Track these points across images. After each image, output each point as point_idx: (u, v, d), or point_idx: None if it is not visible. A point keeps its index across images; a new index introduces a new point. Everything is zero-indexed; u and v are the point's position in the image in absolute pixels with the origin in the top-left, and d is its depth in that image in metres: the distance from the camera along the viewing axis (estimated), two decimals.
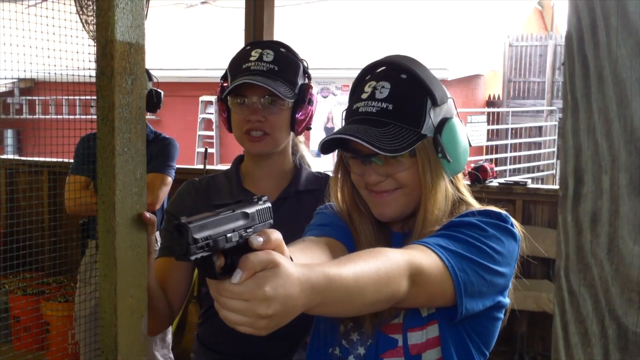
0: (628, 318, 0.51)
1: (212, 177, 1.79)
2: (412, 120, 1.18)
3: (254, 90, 1.63)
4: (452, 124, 1.22)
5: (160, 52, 10.28)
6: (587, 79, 0.53)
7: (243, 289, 0.80)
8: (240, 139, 1.70)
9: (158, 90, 3.22)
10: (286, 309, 0.83)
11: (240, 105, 1.66)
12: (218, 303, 0.83)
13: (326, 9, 12.24)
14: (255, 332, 0.83)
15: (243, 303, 0.80)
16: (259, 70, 1.64)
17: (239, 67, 1.67)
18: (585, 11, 0.53)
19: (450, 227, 1.17)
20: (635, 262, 0.51)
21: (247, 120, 1.65)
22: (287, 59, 1.70)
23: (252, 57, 1.67)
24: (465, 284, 1.09)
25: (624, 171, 0.52)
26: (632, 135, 0.51)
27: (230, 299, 0.81)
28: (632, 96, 0.51)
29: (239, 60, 1.70)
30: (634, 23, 0.51)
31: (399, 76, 1.21)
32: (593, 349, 0.53)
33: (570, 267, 0.54)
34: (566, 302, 0.54)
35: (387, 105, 1.18)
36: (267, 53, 1.67)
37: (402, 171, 1.21)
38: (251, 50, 1.69)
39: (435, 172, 1.20)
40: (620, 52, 0.52)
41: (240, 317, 0.81)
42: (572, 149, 0.54)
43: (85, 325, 2.63)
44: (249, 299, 0.80)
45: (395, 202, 1.23)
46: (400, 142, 1.16)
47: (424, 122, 1.19)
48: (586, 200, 0.53)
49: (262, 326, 0.82)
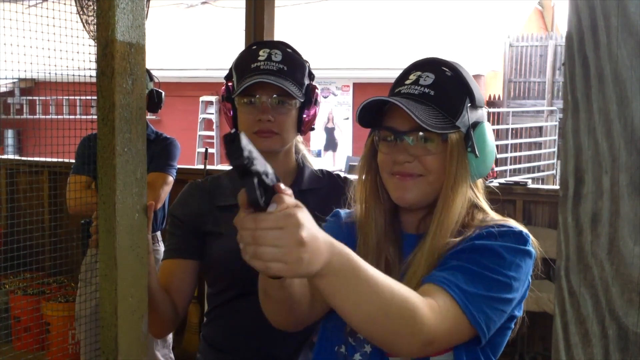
0: (628, 318, 0.51)
1: (214, 178, 1.78)
2: (450, 110, 1.21)
3: (264, 90, 1.62)
4: (485, 127, 1.25)
5: (161, 52, 10.28)
6: (588, 79, 0.53)
7: (279, 215, 0.87)
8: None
9: (159, 91, 3.22)
10: (314, 243, 0.89)
11: (250, 105, 1.65)
12: (254, 241, 0.87)
13: (326, 9, 12.24)
14: (288, 269, 0.88)
15: (278, 231, 0.86)
16: (269, 70, 1.63)
17: (247, 67, 1.66)
18: (585, 11, 0.53)
19: (468, 251, 1.16)
20: (635, 262, 0.51)
21: (257, 120, 1.63)
22: (294, 59, 1.70)
23: (260, 56, 1.66)
24: (486, 323, 1.11)
25: (625, 171, 0.52)
26: (633, 135, 0.51)
27: (266, 230, 0.86)
28: (633, 96, 0.51)
29: (246, 60, 1.68)
30: (635, 23, 0.51)
31: (443, 71, 1.25)
32: (593, 349, 0.53)
33: (570, 267, 0.54)
34: (566, 303, 0.54)
35: (429, 91, 1.21)
36: (275, 53, 1.67)
37: (430, 155, 1.21)
38: (259, 50, 1.68)
39: (461, 165, 1.21)
40: (621, 52, 0.52)
41: (275, 249, 0.87)
42: (572, 149, 0.54)
43: (85, 325, 2.63)
44: (283, 226, 0.86)
45: (417, 188, 1.23)
46: (437, 122, 1.18)
47: (460, 116, 1.21)
48: (587, 200, 0.53)
49: (294, 258, 0.87)
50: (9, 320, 4.27)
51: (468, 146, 1.21)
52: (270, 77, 1.60)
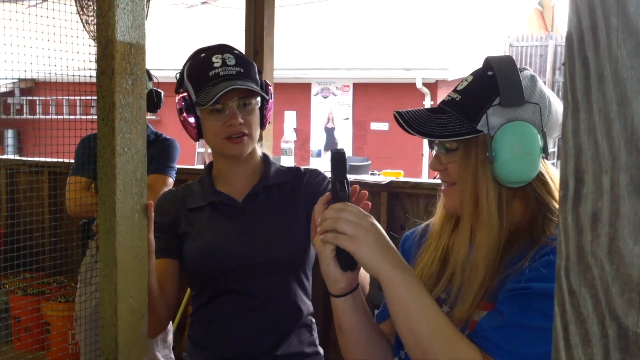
0: (628, 318, 0.51)
1: (187, 186, 1.84)
2: (469, 113, 1.14)
3: (227, 95, 1.63)
4: (514, 125, 1.11)
5: (161, 52, 10.27)
6: (588, 79, 0.53)
7: (359, 209, 1.11)
8: (219, 145, 1.71)
9: (158, 90, 3.21)
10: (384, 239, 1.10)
11: (216, 112, 1.66)
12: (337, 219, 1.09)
13: (327, 9, 12.24)
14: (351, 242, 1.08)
15: (355, 215, 1.09)
16: (229, 75, 1.65)
17: (204, 75, 1.66)
18: (585, 11, 0.53)
19: (527, 296, 1.06)
20: (635, 262, 0.51)
21: (227, 125, 1.66)
22: (245, 60, 1.72)
23: (215, 63, 1.66)
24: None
25: (625, 171, 0.52)
26: (633, 136, 0.51)
27: (349, 212, 1.09)
28: (633, 96, 0.51)
29: (200, 68, 1.68)
30: (635, 23, 0.51)
31: (485, 73, 1.17)
32: (593, 349, 0.53)
33: (570, 267, 0.54)
34: (566, 303, 0.54)
35: (457, 97, 1.19)
36: (228, 57, 1.68)
37: (452, 162, 1.19)
38: (210, 57, 1.68)
39: (478, 172, 1.14)
40: (621, 52, 0.52)
41: (351, 225, 1.08)
42: (572, 149, 0.54)
43: (85, 325, 2.63)
44: (361, 214, 1.10)
45: (452, 197, 1.20)
46: (448, 130, 1.14)
47: (480, 118, 1.13)
48: (586, 200, 0.53)
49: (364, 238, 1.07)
50: (9, 320, 4.27)
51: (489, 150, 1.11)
52: (237, 82, 1.62)
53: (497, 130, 1.12)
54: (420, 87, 10.16)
